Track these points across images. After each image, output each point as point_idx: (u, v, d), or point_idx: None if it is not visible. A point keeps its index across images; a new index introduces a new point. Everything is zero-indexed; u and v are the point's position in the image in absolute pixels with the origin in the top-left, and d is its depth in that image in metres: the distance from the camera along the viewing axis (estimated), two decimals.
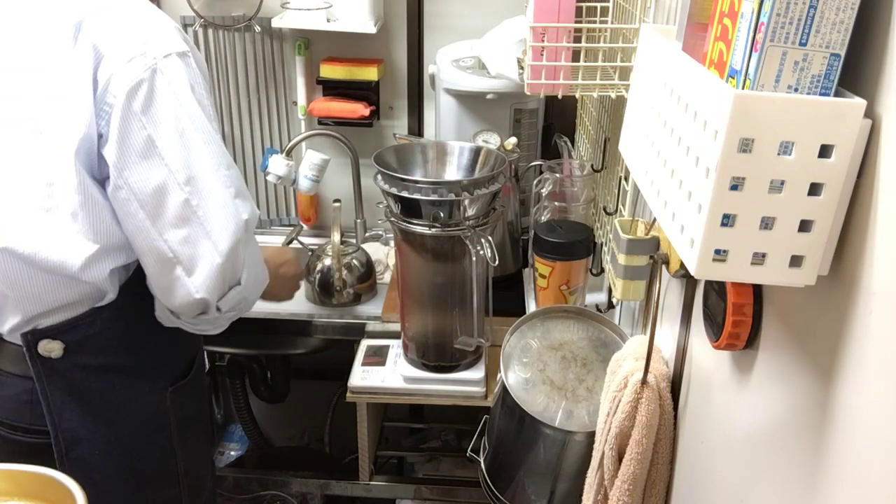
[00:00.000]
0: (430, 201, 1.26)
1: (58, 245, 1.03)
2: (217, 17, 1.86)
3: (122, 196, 1.02)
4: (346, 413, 1.59)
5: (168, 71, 1.02)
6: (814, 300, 0.57)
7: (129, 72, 1.00)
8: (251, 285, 1.17)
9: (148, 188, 1.02)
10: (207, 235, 1.07)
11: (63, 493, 0.84)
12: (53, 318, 1.08)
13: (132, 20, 1.04)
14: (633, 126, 0.74)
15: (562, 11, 1.03)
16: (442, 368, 1.45)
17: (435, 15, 1.86)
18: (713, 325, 0.72)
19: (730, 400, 0.73)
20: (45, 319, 1.08)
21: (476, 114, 1.71)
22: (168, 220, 1.04)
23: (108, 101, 1.00)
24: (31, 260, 1.04)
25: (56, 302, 1.07)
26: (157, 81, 1.01)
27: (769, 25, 0.49)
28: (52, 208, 1.03)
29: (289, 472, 1.72)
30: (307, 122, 1.95)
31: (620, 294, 0.99)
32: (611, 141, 1.33)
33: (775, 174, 0.50)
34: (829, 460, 0.54)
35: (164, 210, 1.03)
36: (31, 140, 1.02)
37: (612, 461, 0.88)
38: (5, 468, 0.87)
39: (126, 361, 1.14)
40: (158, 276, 1.07)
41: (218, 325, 1.18)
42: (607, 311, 1.26)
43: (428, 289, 1.42)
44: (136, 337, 1.14)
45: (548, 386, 1.07)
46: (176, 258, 1.05)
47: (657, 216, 0.63)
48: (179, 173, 1.03)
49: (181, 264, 1.06)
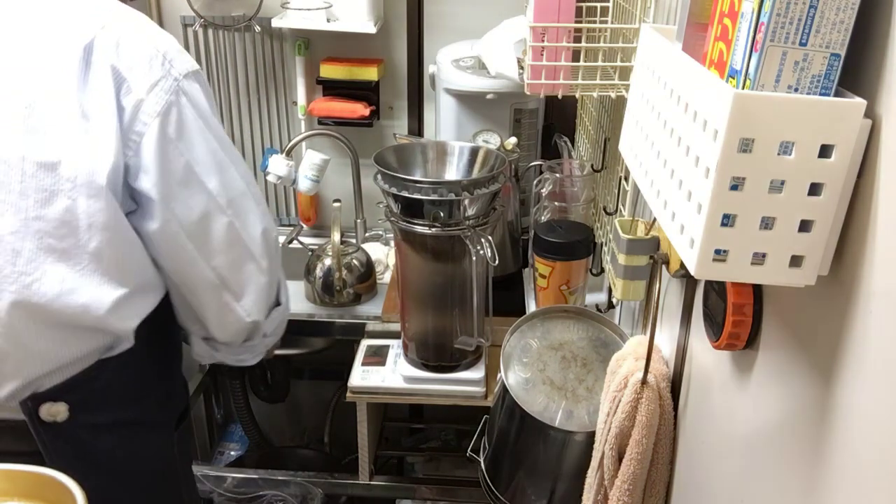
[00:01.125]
0: (430, 201, 1.26)
1: (78, 290, 0.94)
2: (217, 17, 1.86)
3: (171, 230, 0.96)
4: (346, 413, 1.59)
5: (190, 91, 0.97)
6: (814, 300, 0.57)
7: (157, 96, 0.94)
8: (287, 304, 1.16)
9: (193, 216, 0.98)
10: (252, 257, 1.05)
11: (63, 493, 0.84)
12: (56, 378, 0.97)
13: (143, 38, 0.97)
14: (633, 126, 0.73)
15: (562, 11, 1.03)
16: (442, 368, 1.45)
17: (435, 15, 1.86)
18: (713, 325, 0.72)
19: (730, 400, 0.73)
20: (46, 380, 0.97)
21: (476, 114, 1.71)
22: (215, 246, 1.00)
23: (138, 130, 0.93)
24: (43, 310, 0.93)
25: (63, 359, 0.97)
26: (182, 103, 0.96)
27: (769, 25, 0.49)
28: (69, 250, 0.93)
29: (289, 472, 1.72)
30: (307, 122, 1.95)
31: (620, 294, 0.99)
32: (611, 141, 1.33)
33: (775, 174, 0.50)
34: (829, 460, 0.54)
35: (210, 237, 1.00)
36: (41, 177, 0.92)
37: (612, 461, 0.88)
38: (5, 468, 0.87)
39: (133, 414, 1.06)
40: (207, 306, 1.03)
41: (258, 352, 1.16)
42: (607, 311, 1.26)
43: (428, 289, 1.42)
44: (141, 386, 1.06)
45: (548, 386, 1.07)
46: (224, 284, 1.02)
47: (657, 216, 0.63)
48: (221, 197, 1.00)
49: (229, 290, 1.03)
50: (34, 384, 0.97)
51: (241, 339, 1.11)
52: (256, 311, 1.07)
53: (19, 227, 0.91)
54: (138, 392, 1.06)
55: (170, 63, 0.96)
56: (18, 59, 0.93)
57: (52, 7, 0.96)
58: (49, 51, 0.93)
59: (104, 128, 0.92)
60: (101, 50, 0.93)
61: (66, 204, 0.91)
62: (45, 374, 0.96)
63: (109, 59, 0.93)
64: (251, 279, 1.05)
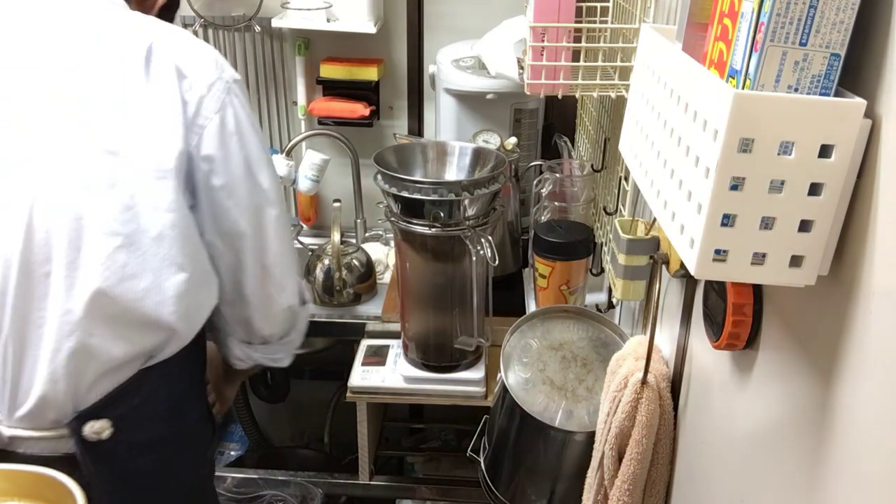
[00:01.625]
0: (430, 201, 1.26)
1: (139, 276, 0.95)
2: (217, 17, 1.86)
3: (231, 218, 1.03)
4: (346, 413, 1.59)
5: (238, 94, 1.04)
6: (814, 300, 0.57)
7: (215, 95, 1.00)
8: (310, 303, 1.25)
9: (252, 208, 1.04)
10: (291, 249, 1.13)
11: (63, 492, 0.84)
12: (100, 389, 0.97)
13: (194, 45, 1.04)
14: (633, 126, 0.73)
15: (562, 11, 1.03)
16: (442, 368, 1.45)
17: (435, 15, 1.86)
18: (713, 325, 0.72)
19: (730, 400, 0.73)
20: (90, 391, 0.96)
21: (476, 114, 1.71)
22: (267, 238, 1.07)
23: (200, 123, 0.99)
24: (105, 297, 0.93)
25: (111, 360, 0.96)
26: (235, 104, 1.02)
27: (769, 25, 0.49)
28: (131, 235, 0.94)
29: (289, 472, 1.72)
30: (307, 122, 1.95)
31: (620, 294, 0.99)
32: (611, 141, 1.33)
33: (775, 174, 0.50)
34: (829, 460, 0.54)
35: (263, 229, 1.06)
36: (105, 163, 0.94)
37: (612, 461, 0.88)
38: (5, 468, 0.87)
39: (172, 431, 1.06)
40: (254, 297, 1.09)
41: (290, 350, 1.23)
42: (607, 311, 1.26)
43: (428, 289, 1.42)
44: (178, 401, 1.07)
45: (548, 386, 1.07)
46: (271, 275, 1.09)
47: (657, 216, 0.63)
48: (270, 191, 1.07)
49: (274, 281, 1.10)
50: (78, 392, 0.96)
51: (280, 333, 1.17)
52: (294, 304, 1.16)
53: (83, 213, 0.93)
54: (177, 408, 1.07)
55: (221, 67, 1.03)
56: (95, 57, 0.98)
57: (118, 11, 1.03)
58: (113, 52, 0.98)
59: (170, 117, 0.97)
60: (161, 50, 0.99)
61: (130, 189, 0.95)
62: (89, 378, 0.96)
63: (171, 58, 0.99)
64: (292, 271, 1.14)
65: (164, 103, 0.97)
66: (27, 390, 0.95)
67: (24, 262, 0.93)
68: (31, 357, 0.94)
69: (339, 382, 1.97)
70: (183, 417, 1.08)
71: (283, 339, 1.19)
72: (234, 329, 1.15)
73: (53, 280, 0.93)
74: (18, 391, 0.95)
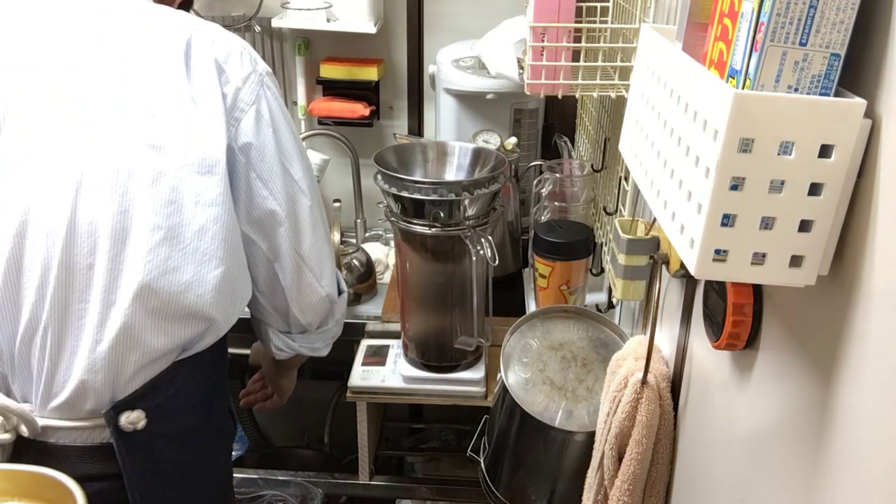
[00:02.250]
0: (430, 201, 1.26)
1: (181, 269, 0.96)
2: (217, 17, 1.86)
3: (268, 208, 1.04)
4: (346, 413, 1.59)
5: (271, 87, 1.06)
6: (814, 300, 0.57)
7: (250, 87, 1.02)
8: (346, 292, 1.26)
9: (286, 197, 1.06)
10: (326, 239, 1.15)
11: (63, 492, 0.84)
12: (136, 381, 0.97)
13: (227, 38, 1.05)
14: (633, 126, 0.73)
15: (562, 11, 1.03)
16: (442, 368, 1.45)
17: (435, 15, 1.86)
18: (713, 325, 0.72)
19: (730, 400, 0.73)
20: (128, 383, 0.97)
21: (476, 114, 1.71)
22: (302, 227, 1.09)
23: (237, 116, 1.01)
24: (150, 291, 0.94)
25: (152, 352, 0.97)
26: (268, 96, 1.04)
27: (769, 25, 0.49)
28: (173, 228, 0.96)
29: (289, 472, 1.72)
30: (307, 122, 1.95)
31: (620, 294, 0.99)
32: (611, 141, 1.33)
33: (775, 174, 0.50)
34: (829, 460, 0.54)
35: (298, 219, 1.08)
36: (151, 158, 0.95)
37: (612, 461, 0.88)
38: (5, 468, 0.87)
39: (202, 422, 1.07)
40: (293, 286, 1.11)
41: (328, 339, 1.25)
42: (607, 311, 1.26)
43: (428, 289, 1.42)
44: (208, 396, 1.08)
45: (548, 386, 1.07)
46: (308, 265, 1.11)
47: (657, 216, 0.63)
48: (302, 181, 1.08)
49: (312, 270, 1.12)
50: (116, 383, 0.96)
51: (318, 322, 1.19)
52: (332, 292, 1.17)
53: (128, 206, 0.95)
54: (206, 401, 1.08)
55: (254, 60, 1.05)
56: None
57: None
58: (153, 48, 0.99)
59: (213, 111, 0.99)
60: (199, 45, 1.00)
61: (173, 183, 0.96)
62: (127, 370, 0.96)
63: (210, 52, 1.00)
64: (328, 261, 1.15)
65: (206, 98, 0.99)
66: (64, 381, 0.95)
67: (67, 255, 0.93)
68: (69, 348, 0.95)
69: (339, 382, 1.97)
70: (212, 409, 1.11)
71: (321, 329, 1.21)
72: (273, 319, 1.17)
73: (97, 272, 0.94)
74: (54, 382, 0.96)
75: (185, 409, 1.04)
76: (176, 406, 1.02)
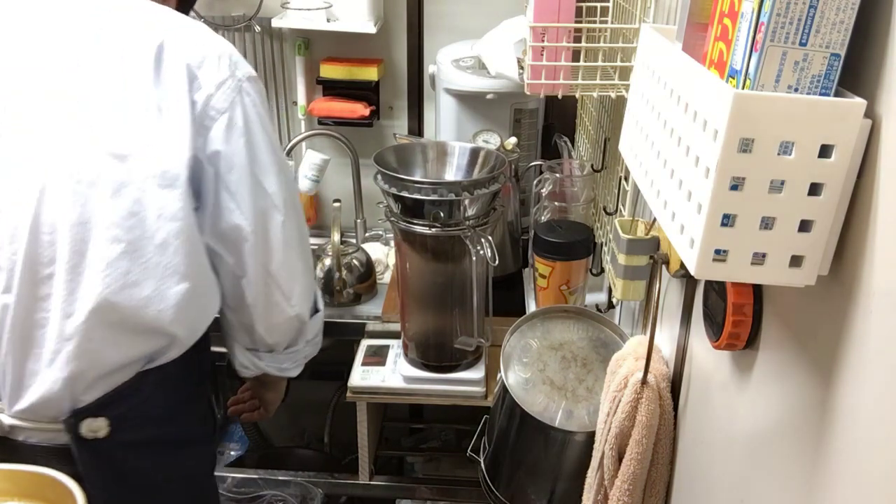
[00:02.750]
0: (430, 201, 1.26)
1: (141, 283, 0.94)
2: (217, 17, 1.86)
3: (234, 221, 1.00)
4: (346, 413, 1.59)
5: (251, 93, 1.02)
6: (814, 300, 0.57)
7: (224, 94, 0.98)
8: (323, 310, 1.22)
9: (255, 211, 1.02)
10: (300, 256, 1.10)
11: (63, 492, 0.84)
12: (98, 389, 0.97)
13: (210, 40, 1.01)
14: (633, 126, 0.73)
15: (562, 11, 1.03)
16: (442, 368, 1.45)
17: (435, 15, 1.86)
18: (713, 325, 0.72)
19: (730, 400, 0.73)
20: (89, 392, 0.96)
21: (476, 114, 1.71)
22: (271, 244, 1.05)
23: (207, 124, 0.97)
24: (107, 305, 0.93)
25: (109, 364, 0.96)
26: (246, 103, 1.00)
27: (769, 25, 0.49)
28: (135, 241, 0.94)
29: (289, 472, 1.72)
30: (307, 122, 1.95)
31: (620, 294, 0.99)
32: (611, 141, 1.33)
33: (775, 174, 0.50)
34: (830, 460, 0.54)
35: (268, 234, 1.04)
36: (110, 167, 0.93)
37: (612, 461, 0.88)
38: (5, 468, 0.87)
39: (170, 432, 1.06)
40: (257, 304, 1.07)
41: (298, 362, 1.20)
42: (607, 311, 1.25)
43: (428, 289, 1.42)
44: (178, 405, 1.06)
45: (548, 386, 1.07)
46: (276, 283, 1.07)
47: (657, 216, 0.63)
48: (277, 196, 1.04)
49: (280, 289, 1.08)
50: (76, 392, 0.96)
51: (286, 342, 1.14)
52: (303, 313, 1.12)
53: (88, 217, 0.93)
54: (175, 410, 1.06)
55: (234, 65, 1.01)
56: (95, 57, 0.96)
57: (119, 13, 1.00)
58: (123, 50, 0.96)
59: (179, 120, 0.95)
60: (172, 49, 0.97)
61: (135, 195, 0.93)
62: (87, 380, 0.95)
63: (183, 57, 0.97)
64: (299, 279, 1.10)
65: (173, 107, 0.96)
66: (28, 386, 0.96)
67: (29, 262, 0.93)
68: (33, 356, 0.95)
69: (339, 382, 1.97)
70: (182, 419, 1.08)
71: (290, 349, 1.17)
72: (239, 335, 1.13)
73: (56, 282, 0.93)
74: (21, 385, 0.96)
75: (152, 419, 1.03)
76: (141, 415, 1.01)
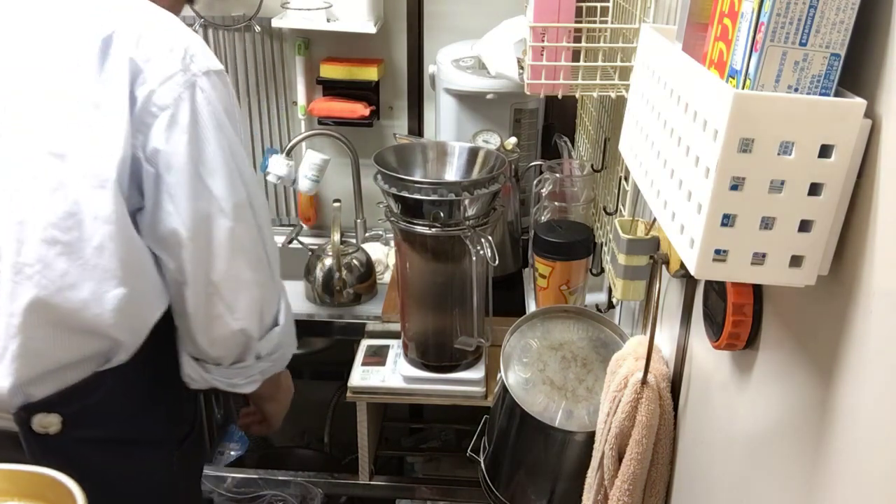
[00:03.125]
0: (430, 201, 1.26)
1: (78, 285, 0.93)
2: (217, 17, 1.86)
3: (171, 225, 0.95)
4: (346, 413, 1.59)
5: (207, 88, 0.96)
6: (814, 300, 0.57)
7: (170, 88, 0.93)
8: (288, 328, 1.13)
9: (197, 216, 0.96)
10: (253, 266, 1.02)
11: (63, 493, 0.84)
12: (49, 386, 0.96)
13: (165, 33, 0.97)
14: (633, 126, 0.73)
15: (562, 11, 1.03)
16: (442, 368, 1.45)
17: (435, 15, 1.86)
18: (713, 325, 0.72)
19: (730, 400, 0.73)
20: (40, 387, 0.96)
21: (476, 114, 1.71)
22: (214, 250, 0.98)
23: (147, 121, 0.93)
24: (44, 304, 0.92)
25: (56, 361, 0.95)
26: (197, 100, 0.95)
27: (769, 25, 0.49)
28: (73, 243, 0.92)
29: (289, 472, 1.72)
30: (307, 122, 1.95)
31: (620, 294, 0.99)
32: (611, 141, 1.33)
33: (775, 174, 0.50)
34: (830, 460, 0.54)
35: (211, 241, 0.98)
36: (49, 166, 0.91)
37: (612, 461, 0.88)
38: (5, 468, 0.87)
39: (129, 431, 1.03)
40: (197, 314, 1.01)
41: (252, 378, 1.11)
42: (607, 311, 1.25)
43: (428, 289, 1.42)
44: (139, 406, 1.04)
45: (548, 386, 1.07)
46: (218, 293, 1.00)
47: (657, 216, 0.63)
48: (225, 200, 0.97)
49: (223, 300, 1.01)
50: (26, 389, 0.95)
51: (232, 357, 1.07)
52: (250, 328, 1.04)
53: (26, 216, 0.91)
54: (136, 410, 1.04)
55: (191, 58, 0.96)
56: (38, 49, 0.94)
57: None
58: (68, 41, 0.93)
59: (116, 119, 0.92)
60: (120, 42, 0.93)
61: (73, 196, 0.91)
62: (36, 377, 0.95)
63: (128, 51, 0.93)
64: (247, 291, 1.03)
65: (112, 104, 0.92)
66: None
67: None
68: None
69: (339, 382, 1.97)
70: (140, 420, 1.06)
71: (238, 365, 1.09)
72: (185, 343, 1.06)
73: (2, 280, 0.93)
74: None
75: (108, 418, 1.01)
76: (97, 414, 1.00)
